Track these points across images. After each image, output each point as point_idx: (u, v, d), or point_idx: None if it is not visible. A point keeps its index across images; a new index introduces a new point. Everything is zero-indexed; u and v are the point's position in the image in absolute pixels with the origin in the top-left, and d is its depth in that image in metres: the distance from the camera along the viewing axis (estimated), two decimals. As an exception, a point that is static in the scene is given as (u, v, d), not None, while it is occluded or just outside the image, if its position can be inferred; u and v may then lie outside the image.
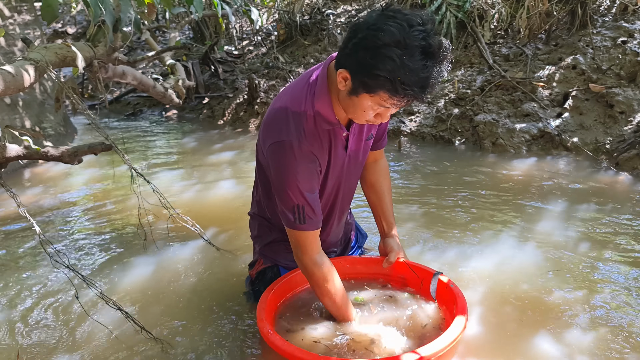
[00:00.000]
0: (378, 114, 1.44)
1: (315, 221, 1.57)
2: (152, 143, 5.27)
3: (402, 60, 1.26)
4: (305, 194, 1.52)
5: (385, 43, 1.26)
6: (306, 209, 1.53)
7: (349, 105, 1.45)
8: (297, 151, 1.49)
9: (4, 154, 2.07)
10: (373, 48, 1.28)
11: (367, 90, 1.35)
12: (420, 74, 1.28)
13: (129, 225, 2.93)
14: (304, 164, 1.50)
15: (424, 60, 1.28)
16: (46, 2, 2.45)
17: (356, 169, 1.78)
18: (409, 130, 4.94)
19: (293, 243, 1.62)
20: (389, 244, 1.85)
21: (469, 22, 5.44)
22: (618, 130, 4.09)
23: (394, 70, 1.27)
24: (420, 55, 1.27)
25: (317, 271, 1.60)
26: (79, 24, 9.43)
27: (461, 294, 1.70)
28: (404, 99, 1.34)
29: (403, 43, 1.26)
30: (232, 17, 5.02)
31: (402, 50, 1.26)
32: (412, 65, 1.27)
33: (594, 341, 1.81)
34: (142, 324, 1.82)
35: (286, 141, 1.49)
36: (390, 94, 1.33)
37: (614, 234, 2.70)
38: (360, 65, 1.32)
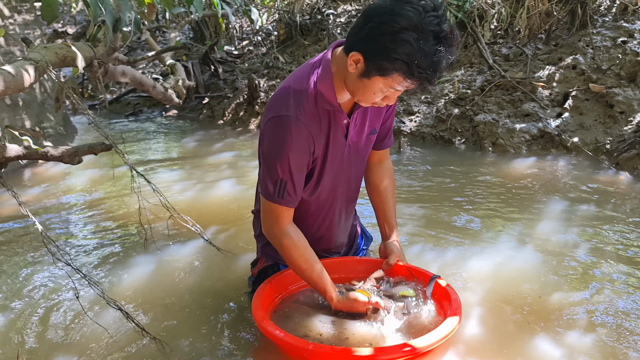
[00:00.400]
0: (386, 97, 1.47)
1: (293, 200, 1.59)
2: (152, 143, 5.27)
3: (419, 44, 1.31)
4: (293, 171, 1.54)
5: (403, 27, 1.31)
6: (288, 185, 1.56)
7: (358, 88, 1.47)
8: (294, 127, 1.51)
9: (4, 154, 2.07)
10: (391, 32, 1.32)
11: (381, 73, 1.39)
12: (433, 57, 1.33)
13: (129, 225, 2.93)
14: (299, 140, 1.52)
15: (437, 44, 1.33)
16: (46, 2, 2.45)
17: (358, 163, 1.78)
18: (409, 130, 4.94)
19: (265, 213, 1.64)
20: (390, 247, 1.85)
21: (469, 22, 5.44)
22: (618, 130, 4.09)
23: (411, 54, 1.32)
24: (433, 39, 1.33)
25: (286, 241, 1.62)
26: (79, 24, 9.42)
27: (456, 296, 1.70)
28: (415, 82, 1.38)
29: (419, 27, 1.31)
30: (232, 17, 5.03)
31: (418, 35, 1.31)
32: (426, 49, 1.32)
33: (594, 342, 1.81)
34: (142, 325, 1.82)
35: (284, 116, 1.51)
36: (405, 76, 1.37)
37: (614, 234, 2.70)
38: (378, 49, 1.36)
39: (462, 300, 2.04)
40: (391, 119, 1.83)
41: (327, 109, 1.56)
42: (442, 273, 2.29)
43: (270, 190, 1.58)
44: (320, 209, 1.78)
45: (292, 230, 1.64)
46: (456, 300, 1.68)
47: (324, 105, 1.54)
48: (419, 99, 5.21)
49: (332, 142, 1.62)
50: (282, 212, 1.61)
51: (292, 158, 1.53)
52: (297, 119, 1.50)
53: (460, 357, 1.72)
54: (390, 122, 1.83)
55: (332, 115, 1.58)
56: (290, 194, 1.57)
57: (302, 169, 1.58)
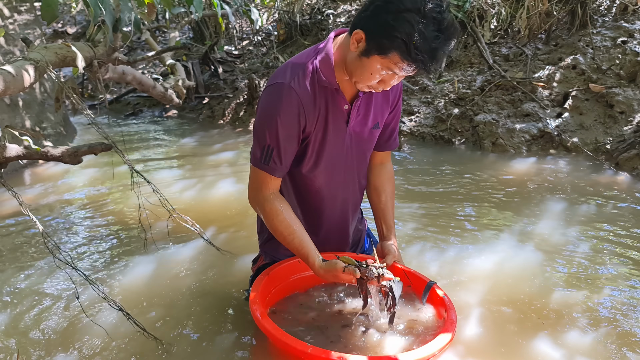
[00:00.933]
0: (382, 80, 1.49)
1: (278, 168, 1.61)
2: (152, 143, 5.27)
3: (419, 26, 1.35)
4: (280, 138, 1.57)
5: (407, 8, 1.36)
6: (274, 152, 1.58)
7: (357, 67, 1.50)
8: (286, 94, 1.54)
9: (4, 154, 2.07)
10: (395, 11, 1.37)
11: (380, 52, 1.42)
12: (432, 43, 1.37)
13: (129, 225, 2.93)
14: (289, 108, 1.55)
15: (438, 31, 1.37)
16: (46, 2, 2.45)
17: (360, 157, 1.78)
18: (408, 130, 4.94)
19: (251, 180, 1.67)
20: (387, 248, 1.85)
21: (469, 22, 5.44)
22: (618, 130, 4.09)
23: (411, 34, 1.36)
24: (434, 26, 1.36)
25: (268, 206, 1.64)
26: (79, 24, 9.43)
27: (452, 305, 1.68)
28: (412, 65, 1.41)
29: (422, 12, 1.35)
30: (232, 17, 5.03)
31: (420, 18, 1.35)
32: (426, 34, 1.36)
33: (593, 342, 1.81)
34: (142, 324, 1.82)
35: (279, 83, 1.56)
36: (403, 56, 1.39)
37: (614, 234, 2.70)
38: (380, 26, 1.40)
39: (462, 300, 2.05)
40: (396, 121, 1.83)
41: (324, 87, 1.58)
42: (442, 273, 2.30)
43: (257, 155, 1.62)
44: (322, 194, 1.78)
45: (276, 197, 1.66)
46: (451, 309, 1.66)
47: (321, 82, 1.57)
48: (419, 99, 5.21)
49: (331, 124, 1.63)
50: (266, 179, 1.63)
51: (281, 125, 1.56)
52: (289, 87, 1.54)
53: (460, 357, 1.72)
54: (395, 123, 1.84)
55: (330, 95, 1.60)
56: (275, 161, 1.60)
57: (290, 137, 1.59)
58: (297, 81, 1.55)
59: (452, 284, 2.21)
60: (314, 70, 1.57)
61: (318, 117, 1.61)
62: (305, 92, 1.56)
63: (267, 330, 1.51)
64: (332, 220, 1.85)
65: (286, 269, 1.84)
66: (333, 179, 1.76)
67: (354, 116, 1.66)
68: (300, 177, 1.72)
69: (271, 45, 6.98)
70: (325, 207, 1.81)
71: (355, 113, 1.66)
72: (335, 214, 1.84)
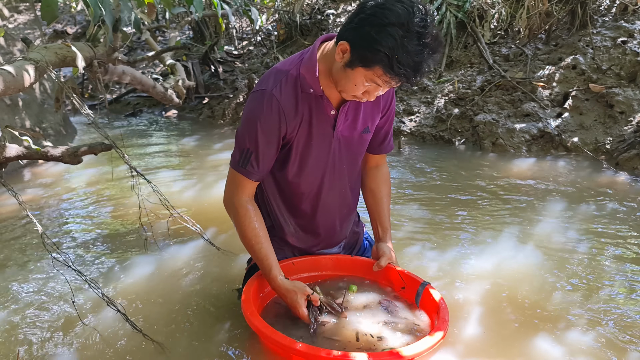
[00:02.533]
0: (366, 91, 1.50)
1: (255, 172, 1.64)
2: (152, 143, 5.27)
3: (402, 40, 1.35)
4: (259, 143, 1.60)
5: (391, 22, 1.35)
6: (252, 157, 1.62)
7: (341, 78, 1.51)
8: (267, 101, 1.57)
9: (4, 154, 2.07)
10: (379, 25, 1.37)
11: (364, 64, 1.42)
12: (415, 57, 1.36)
13: (129, 225, 2.93)
14: (269, 115, 1.57)
15: (421, 46, 1.36)
16: (46, 2, 2.45)
17: (350, 161, 1.78)
18: (408, 130, 4.94)
19: (228, 182, 1.71)
20: (382, 249, 1.86)
21: (469, 22, 5.44)
22: (618, 130, 4.09)
23: (394, 48, 1.35)
24: (417, 40, 1.36)
25: (241, 211, 1.67)
26: (79, 24, 9.43)
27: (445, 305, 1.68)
28: (395, 78, 1.41)
29: (406, 25, 1.35)
30: (232, 17, 5.03)
31: (403, 32, 1.35)
32: (409, 48, 1.35)
33: (593, 341, 1.81)
34: (140, 325, 1.82)
35: (262, 90, 1.59)
36: (385, 70, 1.40)
37: (614, 234, 2.70)
38: (364, 39, 1.40)
39: (462, 300, 2.05)
40: (389, 124, 1.84)
41: (308, 93, 1.60)
42: (442, 273, 2.30)
43: (236, 158, 1.65)
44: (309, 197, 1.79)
45: (251, 204, 1.69)
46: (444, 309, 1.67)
47: (305, 88, 1.59)
48: (419, 99, 5.21)
49: (315, 129, 1.65)
50: (243, 182, 1.66)
51: (261, 130, 1.58)
52: (271, 95, 1.56)
53: (460, 357, 1.72)
54: (389, 127, 1.84)
55: (315, 101, 1.61)
56: (253, 165, 1.62)
57: (269, 143, 1.61)
58: (280, 88, 1.57)
59: (451, 284, 2.21)
60: (297, 77, 1.58)
61: (301, 123, 1.62)
62: (287, 99, 1.58)
63: (257, 329, 1.51)
64: (322, 223, 1.86)
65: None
66: (320, 183, 1.77)
67: (342, 121, 1.67)
68: (286, 182, 1.74)
69: (271, 45, 6.98)
70: (314, 211, 1.82)
71: (342, 118, 1.67)
72: (324, 217, 1.84)
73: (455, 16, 5.49)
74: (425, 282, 1.78)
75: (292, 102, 1.58)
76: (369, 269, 1.87)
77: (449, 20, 5.50)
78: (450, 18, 5.49)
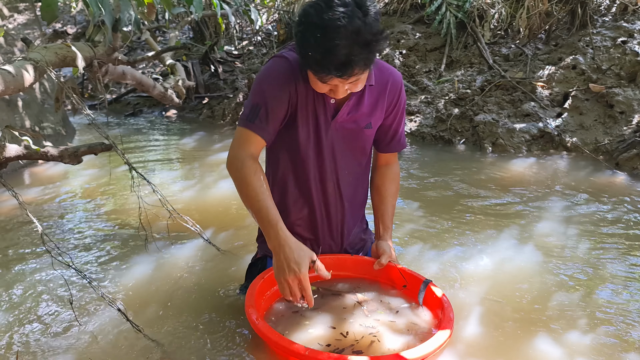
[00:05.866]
0: (330, 90, 1.52)
1: (264, 128, 1.60)
2: (152, 143, 5.27)
3: (317, 39, 1.34)
4: (268, 98, 1.59)
5: (305, 23, 1.37)
6: (261, 111, 1.59)
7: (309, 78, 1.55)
8: (285, 64, 1.58)
9: (4, 154, 2.07)
10: (298, 30, 1.41)
11: (307, 68, 1.47)
12: (335, 52, 1.34)
13: (128, 225, 2.93)
14: (283, 74, 1.58)
15: (340, 39, 1.33)
16: (46, 2, 2.45)
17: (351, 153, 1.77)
18: (409, 130, 4.94)
19: (234, 140, 1.64)
20: (382, 247, 1.85)
21: (469, 22, 5.44)
22: (618, 130, 4.09)
23: (310, 49, 1.37)
24: (335, 35, 1.33)
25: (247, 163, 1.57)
26: (79, 24, 9.42)
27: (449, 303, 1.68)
28: (324, 77, 1.42)
29: (320, 24, 1.34)
30: (232, 17, 5.02)
31: (317, 30, 1.34)
32: (327, 45, 1.34)
33: (593, 341, 1.81)
34: (141, 325, 1.82)
35: (281, 55, 1.61)
36: (313, 71, 1.43)
37: (614, 234, 2.70)
38: (296, 45, 1.45)
39: (462, 300, 2.05)
40: (397, 123, 1.81)
41: None
42: (442, 273, 2.30)
43: (246, 114, 1.62)
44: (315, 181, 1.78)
45: (256, 161, 1.61)
46: (449, 307, 1.66)
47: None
48: (419, 99, 5.21)
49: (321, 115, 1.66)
50: (251, 138, 1.60)
51: (272, 85, 1.59)
52: (286, 58, 1.58)
53: (460, 357, 1.71)
54: (397, 125, 1.82)
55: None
56: (262, 119, 1.59)
57: (278, 99, 1.59)
58: (296, 60, 1.59)
59: (452, 284, 2.21)
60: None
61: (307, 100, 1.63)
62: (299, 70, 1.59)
63: (263, 334, 1.50)
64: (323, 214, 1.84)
65: None
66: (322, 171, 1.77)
67: (344, 112, 1.68)
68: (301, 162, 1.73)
69: (271, 45, 6.98)
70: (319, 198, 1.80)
71: (346, 110, 1.67)
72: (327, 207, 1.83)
73: (455, 16, 5.49)
74: (428, 280, 1.77)
75: (305, 77, 1.59)
76: (369, 268, 1.87)
77: (449, 20, 5.50)
78: (450, 18, 5.49)
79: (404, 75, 5.50)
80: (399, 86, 1.76)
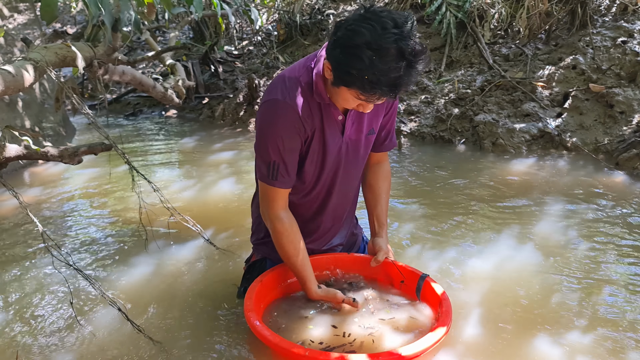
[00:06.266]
0: (360, 104, 1.52)
1: (287, 181, 1.64)
2: (152, 143, 5.27)
3: (372, 61, 1.34)
4: (283, 152, 1.59)
5: (357, 44, 1.35)
6: (280, 167, 1.61)
7: (332, 93, 1.54)
8: (282, 109, 1.56)
9: (4, 154, 2.07)
10: (347, 47, 1.38)
11: (344, 84, 1.44)
12: (390, 74, 1.35)
13: (129, 225, 2.93)
14: (287, 122, 1.57)
15: (395, 62, 1.34)
16: (46, 2, 2.45)
17: (356, 163, 1.79)
18: (409, 130, 4.94)
19: (261, 196, 1.71)
20: (378, 244, 1.86)
21: (469, 22, 5.44)
22: (618, 130, 4.09)
23: (363, 70, 1.36)
24: (390, 57, 1.34)
25: (278, 225, 1.68)
26: (79, 24, 9.42)
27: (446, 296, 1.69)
28: (373, 97, 1.42)
29: (374, 45, 1.33)
30: (232, 17, 5.02)
31: (372, 52, 1.34)
32: (381, 66, 1.34)
33: (593, 342, 1.81)
34: (141, 325, 1.82)
35: (274, 99, 1.58)
36: (361, 91, 1.41)
37: (614, 234, 2.70)
38: (337, 62, 1.42)
39: (462, 300, 2.05)
40: (391, 122, 1.85)
41: (317, 101, 1.60)
42: (442, 272, 2.30)
43: (264, 173, 1.64)
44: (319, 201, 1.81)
45: (286, 215, 1.69)
46: (446, 300, 1.67)
47: (315, 97, 1.59)
48: (419, 99, 5.21)
49: (328, 137, 1.65)
50: (277, 193, 1.66)
51: (283, 139, 1.58)
52: (285, 103, 1.56)
53: (460, 357, 1.72)
54: (390, 125, 1.85)
55: (324, 108, 1.62)
56: (283, 175, 1.62)
57: (293, 150, 1.62)
58: (292, 96, 1.57)
59: (451, 283, 2.21)
60: (307, 84, 1.59)
61: (315, 130, 1.63)
62: (300, 105, 1.57)
63: (263, 337, 1.51)
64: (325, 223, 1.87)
65: (279, 274, 1.85)
66: (331, 186, 1.78)
67: (349, 125, 1.68)
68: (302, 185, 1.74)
69: (271, 45, 6.98)
70: (320, 211, 1.83)
71: (350, 122, 1.68)
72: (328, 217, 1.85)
73: (455, 16, 5.49)
74: (425, 274, 1.78)
75: (307, 108, 1.58)
76: (367, 266, 1.87)
77: (449, 20, 5.50)
78: (450, 18, 5.49)
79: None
80: None
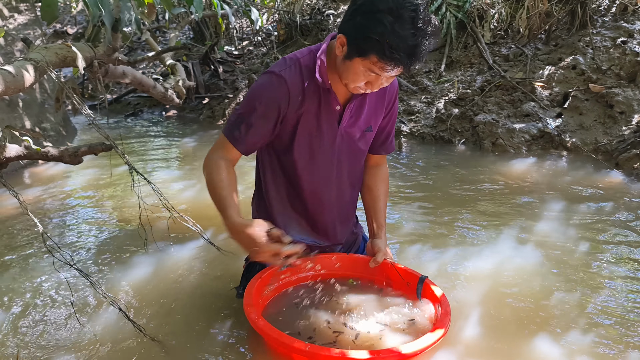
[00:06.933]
0: (368, 82, 1.53)
1: (241, 140, 1.65)
2: (152, 143, 5.27)
3: (393, 26, 1.37)
4: (253, 113, 1.62)
5: (379, 9, 1.39)
6: (243, 124, 1.64)
7: (343, 70, 1.55)
8: (275, 80, 1.60)
9: (4, 154, 2.07)
10: (368, 13, 1.41)
11: (360, 54, 1.46)
12: (408, 41, 1.39)
13: (129, 225, 2.93)
14: (273, 92, 1.60)
15: (413, 29, 1.38)
16: (46, 2, 2.45)
17: (353, 158, 1.80)
18: (408, 130, 4.94)
19: (216, 142, 1.72)
20: (377, 245, 1.86)
21: (469, 22, 5.44)
22: (618, 130, 4.09)
23: (384, 34, 1.38)
24: (409, 24, 1.38)
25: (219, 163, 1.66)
26: (79, 24, 9.43)
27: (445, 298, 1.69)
28: (390, 64, 1.43)
29: (395, 11, 1.38)
30: (232, 17, 5.02)
31: (393, 18, 1.38)
32: (401, 33, 1.38)
33: (593, 342, 1.81)
34: (141, 325, 1.82)
35: (271, 71, 1.62)
36: (379, 56, 1.42)
37: (614, 234, 2.71)
38: (356, 29, 1.45)
39: (462, 300, 2.05)
40: (391, 125, 1.86)
41: (317, 85, 1.63)
42: (442, 273, 2.30)
43: (231, 121, 1.68)
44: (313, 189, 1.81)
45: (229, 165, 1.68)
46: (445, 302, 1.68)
47: (314, 79, 1.62)
48: (419, 99, 5.21)
49: (324, 123, 1.67)
50: (227, 146, 1.68)
51: (259, 101, 1.61)
52: (279, 74, 1.60)
53: (460, 357, 1.72)
54: (390, 127, 1.86)
55: (323, 94, 1.64)
56: (241, 131, 1.64)
57: (265, 117, 1.63)
58: (288, 71, 1.61)
59: (451, 284, 2.21)
60: (308, 67, 1.62)
61: (304, 112, 1.64)
62: (293, 82, 1.61)
63: (264, 332, 1.51)
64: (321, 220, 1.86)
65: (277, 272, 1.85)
66: (326, 178, 1.79)
67: (347, 117, 1.70)
68: (294, 173, 1.75)
69: (271, 46, 6.98)
70: (315, 206, 1.83)
71: (348, 115, 1.69)
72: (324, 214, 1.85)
73: (455, 16, 5.50)
74: (424, 276, 1.78)
75: (299, 87, 1.61)
76: (365, 266, 1.87)
77: (449, 20, 5.50)
78: (450, 18, 5.50)
79: (404, 75, 5.50)
80: (396, 88, 1.81)
